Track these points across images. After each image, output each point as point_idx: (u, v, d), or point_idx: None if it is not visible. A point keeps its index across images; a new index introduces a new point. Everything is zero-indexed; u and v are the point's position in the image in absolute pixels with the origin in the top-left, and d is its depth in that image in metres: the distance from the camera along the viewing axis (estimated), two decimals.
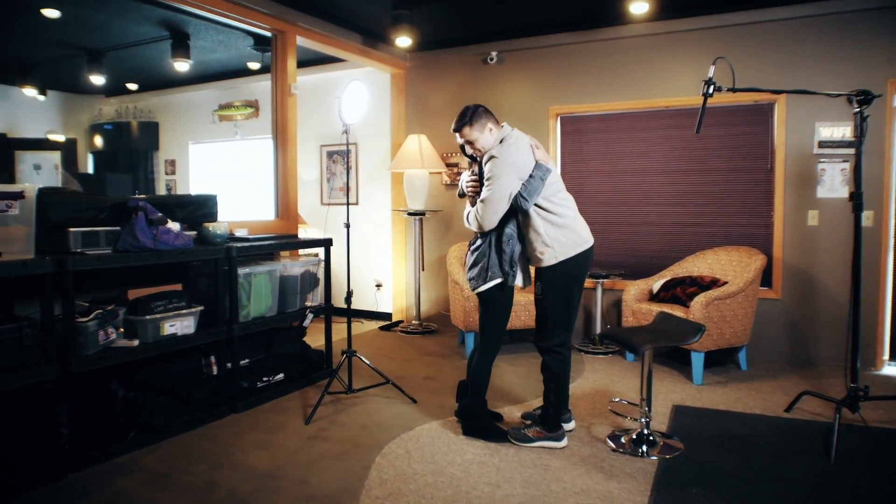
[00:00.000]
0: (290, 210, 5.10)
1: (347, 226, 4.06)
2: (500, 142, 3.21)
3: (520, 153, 3.15)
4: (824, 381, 4.42)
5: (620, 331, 3.44)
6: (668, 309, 4.59)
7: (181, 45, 5.82)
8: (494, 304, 3.35)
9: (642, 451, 3.22)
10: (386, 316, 6.76)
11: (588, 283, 4.80)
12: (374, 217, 6.75)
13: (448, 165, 6.21)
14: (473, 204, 3.29)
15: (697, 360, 4.38)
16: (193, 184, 7.94)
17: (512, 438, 3.34)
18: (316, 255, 5.19)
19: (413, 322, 6.25)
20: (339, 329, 5.77)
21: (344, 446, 3.35)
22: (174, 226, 3.58)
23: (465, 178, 3.39)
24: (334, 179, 6.93)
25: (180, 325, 3.56)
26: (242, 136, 7.47)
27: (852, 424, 3.50)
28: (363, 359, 4.20)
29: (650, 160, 5.35)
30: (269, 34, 4.98)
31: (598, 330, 5.35)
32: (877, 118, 4.55)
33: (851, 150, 4.62)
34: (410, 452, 3.26)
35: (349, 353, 4.08)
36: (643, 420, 3.30)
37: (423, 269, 6.31)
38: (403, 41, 5.20)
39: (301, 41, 5.12)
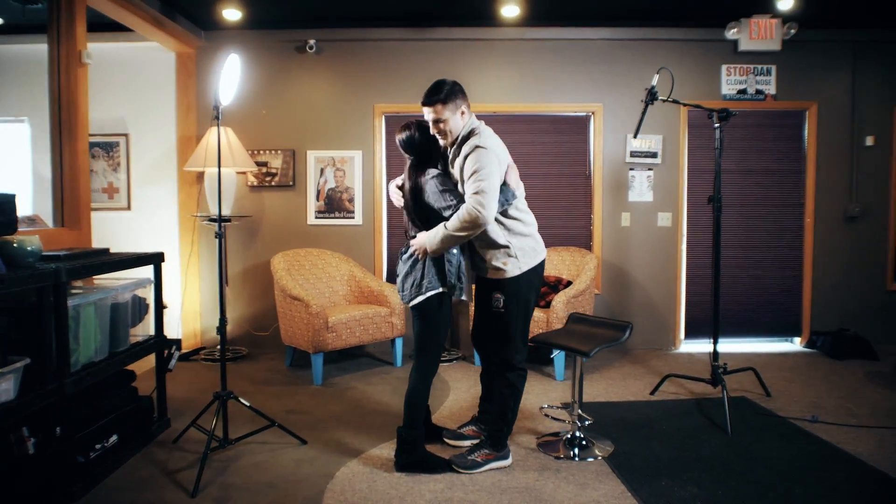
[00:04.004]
0: (83, 217, 3.90)
1: (218, 235, 3.23)
2: (472, 132, 2.92)
3: (500, 147, 2.98)
4: (652, 364, 4.98)
5: (557, 336, 3.37)
6: None
7: None
8: (432, 317, 3.00)
9: (579, 454, 3.20)
10: (175, 343, 5.61)
11: None
12: (154, 225, 5.55)
13: (257, 164, 5.42)
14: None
15: (560, 358, 4.56)
16: None
17: (459, 468, 3.01)
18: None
19: (219, 347, 5.32)
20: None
21: None
22: None
23: (396, 188, 3.11)
24: (94, 178, 5.52)
25: None
26: None
27: (714, 397, 4.00)
28: (243, 401, 3.39)
29: None
30: None
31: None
32: (672, 135, 5.29)
33: (656, 160, 5.29)
34: None
35: (225, 395, 3.25)
36: (583, 423, 3.30)
37: (227, 284, 5.41)
38: (232, 14, 4.37)
39: None
